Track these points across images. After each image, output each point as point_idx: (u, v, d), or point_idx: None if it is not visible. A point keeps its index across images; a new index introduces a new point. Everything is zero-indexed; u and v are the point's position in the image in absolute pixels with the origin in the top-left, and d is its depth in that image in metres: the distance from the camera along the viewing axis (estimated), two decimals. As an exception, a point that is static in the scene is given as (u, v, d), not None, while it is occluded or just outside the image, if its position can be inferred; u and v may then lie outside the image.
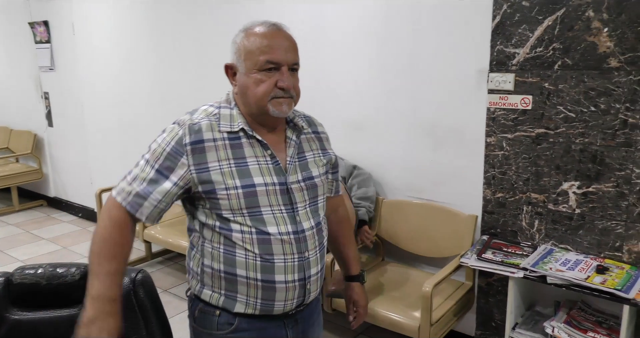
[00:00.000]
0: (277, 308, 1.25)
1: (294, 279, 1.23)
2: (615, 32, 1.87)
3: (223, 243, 1.21)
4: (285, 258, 1.22)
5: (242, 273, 1.21)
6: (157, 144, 1.22)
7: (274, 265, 1.21)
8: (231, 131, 1.22)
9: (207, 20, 3.32)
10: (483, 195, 2.30)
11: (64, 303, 1.21)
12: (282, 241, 1.21)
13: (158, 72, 3.76)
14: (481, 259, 2.06)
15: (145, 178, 1.18)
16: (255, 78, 1.20)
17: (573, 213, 2.07)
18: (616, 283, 1.79)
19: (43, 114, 4.96)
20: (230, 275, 1.22)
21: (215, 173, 1.17)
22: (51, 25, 4.54)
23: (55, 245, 4.13)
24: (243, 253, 1.20)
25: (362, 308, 1.55)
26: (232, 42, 1.27)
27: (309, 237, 1.26)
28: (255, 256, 1.20)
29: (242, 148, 1.22)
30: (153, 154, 1.20)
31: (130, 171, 1.22)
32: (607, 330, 1.88)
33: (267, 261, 1.20)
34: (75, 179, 4.84)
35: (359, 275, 1.57)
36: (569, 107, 2.01)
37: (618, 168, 1.94)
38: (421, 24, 2.41)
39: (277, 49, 1.20)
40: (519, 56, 2.09)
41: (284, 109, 1.22)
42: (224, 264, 1.22)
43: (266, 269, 1.21)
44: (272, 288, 1.22)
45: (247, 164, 1.20)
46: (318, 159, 1.35)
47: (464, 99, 2.33)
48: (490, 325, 2.37)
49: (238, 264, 1.20)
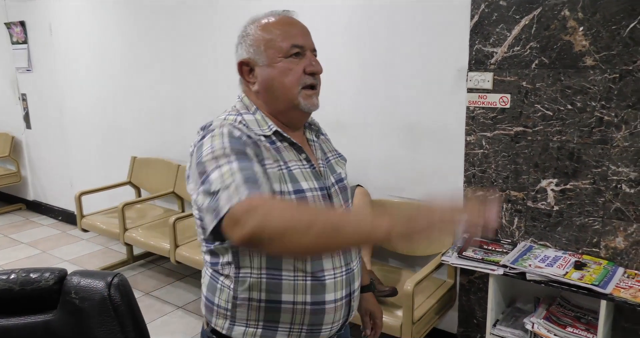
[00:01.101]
0: (323, 333, 1.13)
1: (342, 296, 1.12)
2: (590, 31, 1.89)
3: (266, 267, 1.06)
4: (335, 273, 1.11)
5: (289, 298, 1.07)
6: (211, 151, 0.98)
7: (324, 283, 1.09)
8: (264, 135, 1.08)
9: (186, 20, 3.29)
10: (463, 194, 2.32)
11: (37, 308, 1.18)
12: (332, 253, 1.10)
13: (137, 73, 3.72)
14: (462, 257, 2.07)
15: (234, 171, 0.93)
16: (282, 67, 1.08)
17: (552, 210, 2.10)
18: (593, 279, 1.82)
19: (21, 116, 4.88)
20: (273, 304, 1.08)
21: (273, 173, 1.02)
22: (28, 25, 4.47)
23: (34, 249, 4.06)
24: (291, 275, 1.07)
25: (379, 319, 1.42)
26: (243, 36, 1.13)
27: None
28: (305, 276, 1.07)
29: (281, 152, 1.08)
30: (218, 158, 0.97)
31: (212, 189, 0.92)
32: (586, 324, 1.91)
33: (317, 279, 1.08)
34: (55, 182, 4.76)
35: (370, 284, 1.44)
36: (546, 106, 2.03)
37: (594, 165, 1.97)
38: (400, 23, 2.42)
39: (298, 33, 1.11)
40: (497, 55, 2.11)
41: (315, 102, 1.12)
42: (266, 292, 1.07)
43: (316, 289, 1.08)
44: (321, 311, 1.09)
45: (291, 169, 1.07)
46: (337, 160, 1.27)
47: (443, 98, 2.34)
48: (471, 323, 2.39)
49: (284, 289, 1.06)
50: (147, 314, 2.86)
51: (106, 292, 1.20)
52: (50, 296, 1.18)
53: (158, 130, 3.70)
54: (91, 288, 1.18)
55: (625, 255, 1.97)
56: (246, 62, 1.12)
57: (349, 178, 2.89)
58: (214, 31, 3.15)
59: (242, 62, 1.13)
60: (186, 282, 3.35)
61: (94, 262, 3.75)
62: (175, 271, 3.49)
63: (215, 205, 0.90)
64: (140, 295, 3.15)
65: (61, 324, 1.18)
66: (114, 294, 1.20)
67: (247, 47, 1.11)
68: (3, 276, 1.19)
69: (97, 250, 4.00)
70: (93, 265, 3.66)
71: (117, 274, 1.24)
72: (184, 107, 3.47)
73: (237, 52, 1.14)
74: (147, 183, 3.77)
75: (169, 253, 2.95)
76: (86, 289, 1.18)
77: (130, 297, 1.23)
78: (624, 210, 1.94)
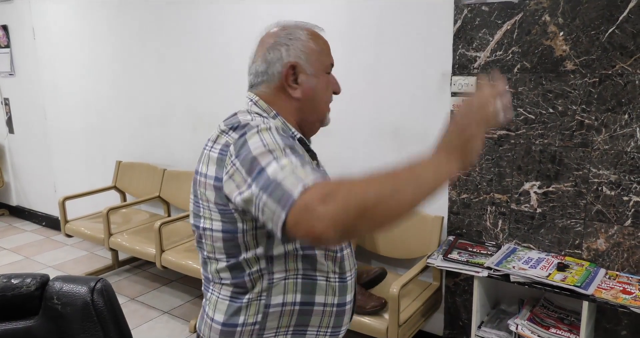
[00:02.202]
0: (340, 335, 1.14)
1: (352, 299, 1.13)
2: (570, 36, 1.93)
3: (302, 268, 1.03)
4: (352, 275, 1.11)
5: (320, 300, 1.06)
6: (262, 145, 0.91)
7: (347, 284, 1.09)
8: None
9: (171, 23, 3.28)
10: (449, 196, 2.34)
11: (19, 314, 1.17)
12: (349, 254, 1.12)
13: (122, 76, 3.69)
14: (447, 259, 2.09)
15: (294, 162, 0.87)
16: (324, 81, 1.10)
17: (535, 212, 2.12)
18: (576, 280, 1.84)
19: (3, 120, 4.81)
20: (306, 306, 1.05)
21: None
22: (10, 29, 4.42)
23: (17, 255, 4.00)
24: (324, 275, 1.05)
25: None
26: (290, 39, 1.09)
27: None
28: (335, 276, 1.07)
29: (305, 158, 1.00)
30: (273, 151, 0.89)
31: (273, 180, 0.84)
32: (569, 326, 1.93)
33: (343, 280, 1.09)
34: (38, 187, 4.70)
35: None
36: (529, 109, 2.06)
37: (576, 167, 2.00)
38: (384, 27, 2.43)
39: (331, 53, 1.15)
40: (480, 59, 2.14)
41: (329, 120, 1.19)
42: (301, 293, 1.04)
43: (342, 290, 1.08)
44: (343, 312, 1.10)
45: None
46: None
47: (428, 102, 2.36)
48: (457, 325, 2.40)
49: (318, 290, 1.05)
50: (133, 319, 2.83)
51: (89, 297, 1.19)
52: (31, 302, 1.17)
53: (143, 134, 3.68)
54: (74, 294, 1.17)
55: (607, 256, 2.00)
56: (295, 65, 1.08)
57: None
58: (199, 36, 3.15)
59: (294, 65, 1.07)
60: (172, 287, 3.33)
61: (78, 268, 3.71)
62: (161, 276, 3.46)
63: (281, 195, 0.80)
64: (125, 300, 3.12)
65: (43, 330, 1.17)
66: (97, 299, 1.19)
67: (298, 52, 1.07)
68: (-17, 283, 1.18)
69: (82, 255, 3.96)
70: (78, 271, 3.61)
71: (100, 279, 1.23)
72: (169, 111, 3.45)
73: (280, 53, 1.08)
74: (132, 188, 3.74)
75: (154, 258, 2.93)
76: (68, 295, 1.17)
77: (114, 302, 1.22)
78: (605, 212, 1.97)
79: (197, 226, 1.06)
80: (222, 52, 3.05)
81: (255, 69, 1.11)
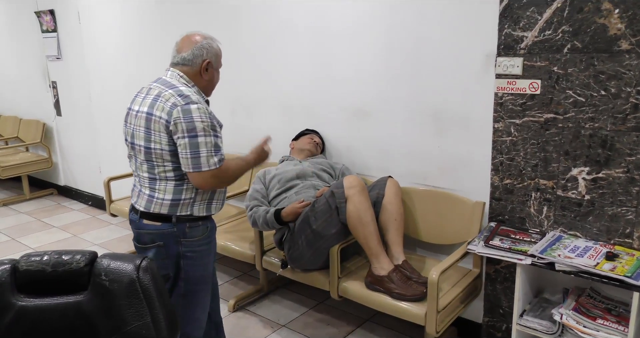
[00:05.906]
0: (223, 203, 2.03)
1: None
2: (626, 14, 1.82)
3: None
4: None
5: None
6: (200, 120, 1.70)
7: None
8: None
9: (214, 7, 3.29)
10: (491, 182, 2.28)
11: (69, 289, 1.22)
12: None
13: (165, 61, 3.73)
14: (488, 246, 2.05)
15: (213, 143, 1.73)
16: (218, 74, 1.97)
17: (582, 199, 2.05)
18: (626, 270, 1.77)
19: (51, 103, 4.99)
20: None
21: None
22: (57, 14, 4.54)
23: (65, 233, 4.17)
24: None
25: None
26: (209, 46, 1.88)
27: None
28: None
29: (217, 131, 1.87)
30: (205, 129, 1.71)
31: (199, 147, 1.69)
32: (617, 317, 1.87)
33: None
34: (84, 167, 4.87)
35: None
36: (578, 92, 1.97)
37: (628, 153, 1.91)
38: (427, 8, 2.37)
39: None
40: (527, 39, 2.05)
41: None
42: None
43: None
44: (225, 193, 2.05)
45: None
46: None
47: (470, 84, 2.30)
48: (497, 312, 2.36)
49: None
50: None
51: (135, 275, 1.22)
52: (81, 277, 1.21)
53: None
54: (120, 271, 1.21)
55: (659, 246, 1.91)
56: (209, 62, 1.85)
57: (374, 166, 2.87)
58: (244, 20, 3.15)
59: (208, 62, 1.84)
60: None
61: (122, 246, 3.84)
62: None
63: (197, 162, 1.70)
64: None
65: (91, 305, 1.21)
66: (142, 277, 1.23)
67: (212, 55, 1.86)
68: (36, 258, 1.22)
69: (126, 234, 4.09)
70: (122, 249, 3.74)
71: (145, 257, 1.26)
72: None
73: (203, 52, 1.83)
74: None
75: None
76: (116, 271, 1.21)
77: (158, 280, 1.25)
78: (658, 200, 1.88)
79: (146, 147, 1.76)
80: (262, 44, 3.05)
81: (182, 56, 1.84)
